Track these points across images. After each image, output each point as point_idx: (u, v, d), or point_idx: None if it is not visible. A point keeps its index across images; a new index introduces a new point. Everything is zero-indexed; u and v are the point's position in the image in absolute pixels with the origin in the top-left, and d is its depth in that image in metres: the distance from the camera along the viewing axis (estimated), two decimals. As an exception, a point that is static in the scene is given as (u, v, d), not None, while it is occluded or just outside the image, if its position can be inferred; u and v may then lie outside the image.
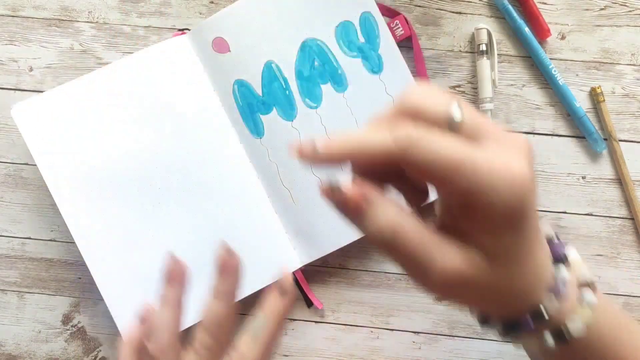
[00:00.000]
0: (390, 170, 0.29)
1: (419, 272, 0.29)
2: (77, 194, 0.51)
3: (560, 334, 0.32)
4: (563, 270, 0.32)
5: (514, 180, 0.26)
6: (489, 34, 0.53)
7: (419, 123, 0.27)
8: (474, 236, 0.29)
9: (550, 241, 0.33)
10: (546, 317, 0.32)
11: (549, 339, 0.32)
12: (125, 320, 0.51)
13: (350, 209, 0.28)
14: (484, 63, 0.53)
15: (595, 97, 0.53)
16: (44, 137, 0.51)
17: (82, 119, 0.52)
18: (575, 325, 0.32)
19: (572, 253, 0.33)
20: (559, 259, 0.32)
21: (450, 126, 0.27)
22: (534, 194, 0.28)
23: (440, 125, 0.27)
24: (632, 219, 0.52)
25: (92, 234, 0.51)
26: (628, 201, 0.52)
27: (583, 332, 0.32)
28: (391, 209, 0.28)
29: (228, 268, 0.34)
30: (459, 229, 0.29)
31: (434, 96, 0.28)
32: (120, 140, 0.52)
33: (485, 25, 0.53)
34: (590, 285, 0.33)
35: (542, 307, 0.31)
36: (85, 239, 0.51)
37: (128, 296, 0.51)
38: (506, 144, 0.27)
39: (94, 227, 0.52)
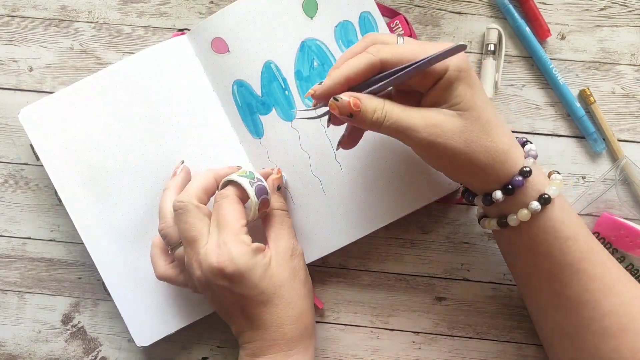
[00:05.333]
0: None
1: (407, 135, 0.41)
2: (84, 195, 0.52)
3: (542, 197, 0.43)
4: (533, 146, 0.44)
5: (460, 55, 0.41)
6: (500, 36, 0.53)
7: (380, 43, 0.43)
8: (438, 98, 0.41)
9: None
10: (531, 172, 0.43)
11: (534, 204, 0.42)
12: (135, 319, 0.52)
13: (349, 108, 0.41)
14: (490, 63, 0.52)
15: (586, 98, 0.53)
16: (51, 140, 0.52)
17: (86, 120, 0.52)
18: (552, 191, 0.43)
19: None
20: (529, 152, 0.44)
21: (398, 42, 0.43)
22: (469, 66, 0.42)
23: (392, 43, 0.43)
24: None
25: (99, 233, 0.52)
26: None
27: (556, 195, 0.43)
28: (375, 100, 0.41)
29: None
30: (428, 101, 0.42)
31: (384, 34, 0.47)
32: (122, 140, 0.52)
33: (497, 26, 0.53)
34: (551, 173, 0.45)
35: (526, 164, 0.43)
36: (93, 238, 0.52)
37: (135, 292, 0.52)
38: (439, 45, 0.41)
39: (101, 226, 0.52)
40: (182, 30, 0.54)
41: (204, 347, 0.55)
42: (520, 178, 0.43)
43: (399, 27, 0.52)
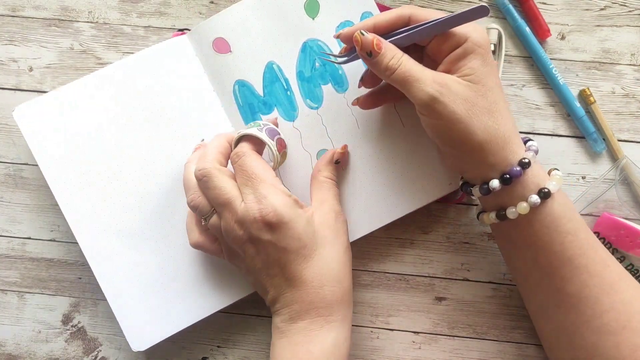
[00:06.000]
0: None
1: (414, 87, 0.42)
2: (79, 195, 0.52)
3: (542, 191, 0.43)
4: (535, 143, 0.45)
5: (482, 34, 0.43)
6: (500, 36, 0.53)
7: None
8: (452, 65, 0.43)
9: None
10: (531, 162, 0.43)
11: (534, 197, 0.43)
12: (129, 320, 0.51)
13: (371, 45, 0.43)
14: (487, 63, 0.53)
15: (586, 98, 0.53)
16: (45, 139, 0.52)
17: (83, 119, 0.52)
18: (552, 185, 0.43)
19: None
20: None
21: None
22: (489, 46, 0.44)
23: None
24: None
25: (94, 234, 0.52)
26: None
27: (556, 190, 0.43)
28: (395, 49, 0.44)
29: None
30: (442, 68, 0.44)
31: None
32: (120, 140, 0.52)
33: (497, 26, 0.53)
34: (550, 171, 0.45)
35: (526, 157, 0.43)
36: (88, 239, 0.52)
37: (131, 296, 0.52)
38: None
39: (96, 227, 0.52)
40: (182, 30, 0.54)
41: (204, 347, 0.55)
42: (518, 168, 0.43)
43: (400, 27, 0.52)
